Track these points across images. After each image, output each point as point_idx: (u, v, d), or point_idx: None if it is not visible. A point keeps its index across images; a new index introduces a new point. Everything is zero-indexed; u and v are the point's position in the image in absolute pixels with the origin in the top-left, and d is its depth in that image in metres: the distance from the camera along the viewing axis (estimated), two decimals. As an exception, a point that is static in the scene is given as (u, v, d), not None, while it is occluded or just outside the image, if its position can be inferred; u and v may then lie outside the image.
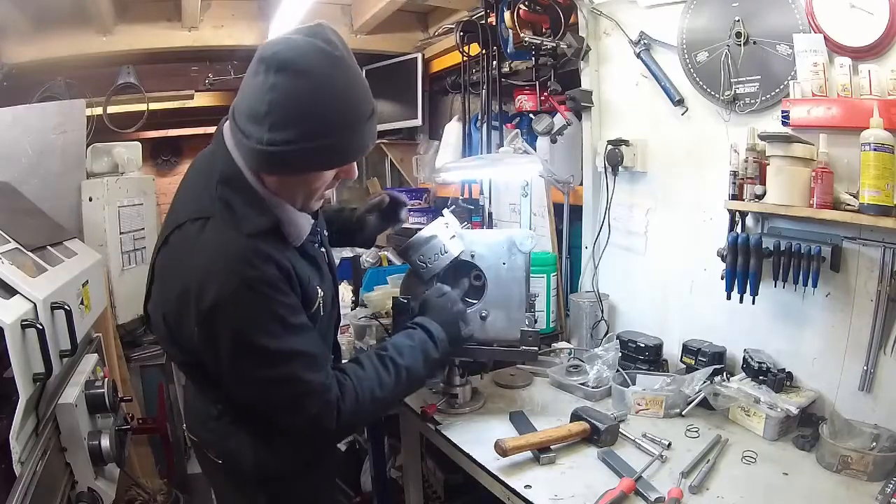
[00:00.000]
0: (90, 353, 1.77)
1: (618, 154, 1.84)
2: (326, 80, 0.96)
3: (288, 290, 1.04)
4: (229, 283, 0.97)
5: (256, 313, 1.00)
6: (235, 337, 1.00)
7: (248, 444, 1.19)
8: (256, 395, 1.09)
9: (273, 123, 0.96)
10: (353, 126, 1.01)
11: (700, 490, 1.18)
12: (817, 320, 1.44)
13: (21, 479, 1.15)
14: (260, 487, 1.23)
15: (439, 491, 2.21)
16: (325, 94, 0.96)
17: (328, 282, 1.25)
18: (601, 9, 1.89)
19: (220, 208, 1.03)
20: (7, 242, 1.46)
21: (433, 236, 1.46)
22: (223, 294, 0.97)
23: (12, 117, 2.35)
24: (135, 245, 2.69)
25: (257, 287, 0.99)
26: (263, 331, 1.01)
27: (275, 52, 0.95)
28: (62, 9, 2.59)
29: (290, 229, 1.09)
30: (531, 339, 1.50)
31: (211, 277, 0.98)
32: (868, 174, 1.19)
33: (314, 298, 1.15)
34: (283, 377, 1.05)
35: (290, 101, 0.95)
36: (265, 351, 1.01)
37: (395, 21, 3.09)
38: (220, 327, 0.99)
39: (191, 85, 3.50)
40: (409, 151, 3.47)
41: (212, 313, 0.98)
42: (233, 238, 1.00)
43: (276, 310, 1.02)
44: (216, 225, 1.02)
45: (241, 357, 1.02)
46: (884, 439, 1.24)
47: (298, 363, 1.05)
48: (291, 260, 1.08)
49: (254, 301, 0.99)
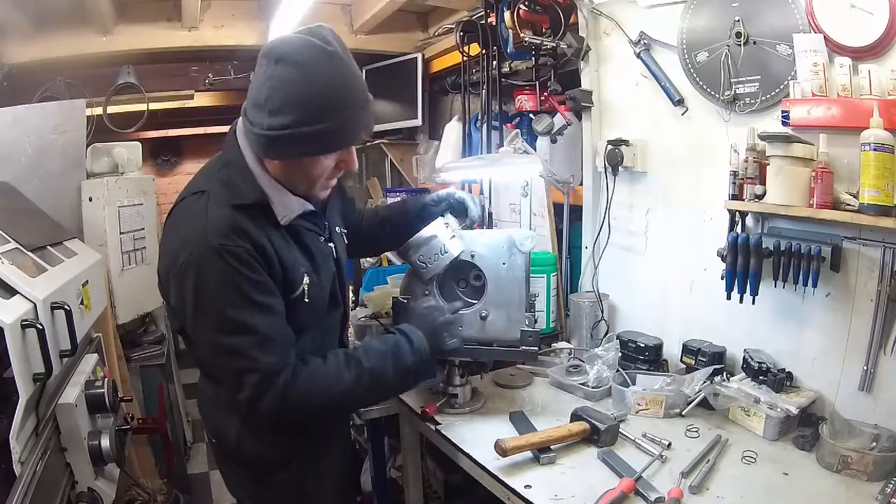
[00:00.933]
0: (90, 353, 1.77)
1: (618, 154, 1.84)
2: (320, 69, 1.04)
3: (258, 268, 1.10)
4: (201, 246, 1.07)
5: (220, 279, 1.07)
6: (198, 296, 1.09)
7: (232, 425, 1.26)
8: (209, 360, 1.18)
9: (272, 109, 1.05)
10: (345, 112, 1.07)
11: (700, 490, 1.18)
12: (817, 320, 1.44)
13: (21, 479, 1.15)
14: (245, 469, 1.30)
15: (439, 491, 2.21)
16: (318, 82, 1.04)
17: (327, 275, 1.27)
18: (601, 9, 1.89)
19: (218, 185, 1.14)
20: (7, 242, 1.46)
21: (433, 236, 1.46)
22: (193, 255, 1.07)
23: (12, 117, 2.35)
24: (135, 245, 2.69)
25: (225, 256, 1.06)
26: (223, 298, 1.08)
27: (273, 46, 1.06)
28: (62, 9, 2.60)
29: (277, 208, 1.15)
30: (531, 339, 1.50)
31: (189, 240, 1.09)
32: (868, 174, 1.19)
33: (297, 283, 1.18)
34: (232, 347, 1.10)
35: (286, 88, 1.03)
36: (221, 316, 1.08)
37: (395, 21, 3.09)
38: (187, 284, 1.08)
39: (191, 85, 3.51)
40: (409, 151, 3.47)
41: (182, 271, 1.08)
42: (218, 209, 1.10)
43: (240, 283, 1.08)
44: (207, 198, 1.13)
45: (200, 315, 1.10)
46: (884, 439, 1.24)
47: (250, 339, 1.09)
48: (274, 240, 1.14)
49: (220, 268, 1.06)
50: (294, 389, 1.13)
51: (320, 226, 1.29)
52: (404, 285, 1.58)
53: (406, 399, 1.67)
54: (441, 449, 1.51)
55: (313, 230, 1.26)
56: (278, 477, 1.28)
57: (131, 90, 3.26)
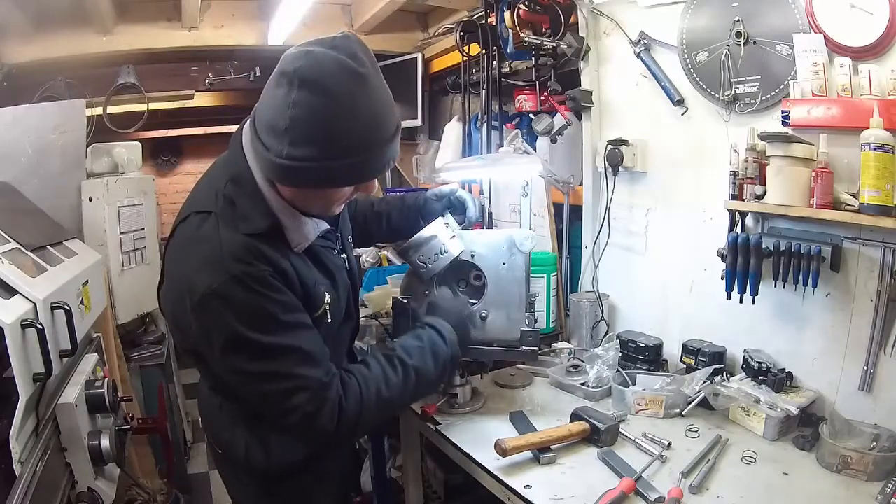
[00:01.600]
0: (90, 353, 1.77)
1: (618, 154, 1.84)
2: (349, 98, 0.94)
3: (282, 288, 1.04)
4: (218, 276, 0.99)
5: (246, 308, 1.00)
6: (226, 329, 1.01)
7: (241, 438, 1.22)
8: (249, 389, 1.09)
9: (293, 140, 0.95)
10: (375, 146, 1.00)
11: (700, 490, 1.18)
12: (817, 320, 1.44)
13: (21, 479, 1.15)
14: (252, 479, 1.26)
15: (439, 491, 2.21)
16: (347, 113, 0.95)
17: (343, 289, 1.24)
18: (601, 9, 1.89)
19: (224, 205, 1.05)
20: (7, 242, 1.46)
21: (433, 236, 1.46)
22: (212, 287, 0.99)
23: (12, 117, 2.35)
24: (135, 245, 2.69)
25: (246, 282, 1.00)
26: (254, 326, 1.01)
27: (297, 67, 0.94)
28: (62, 9, 2.60)
29: (292, 235, 1.09)
30: (531, 339, 1.50)
31: (202, 270, 1.00)
32: (868, 174, 1.19)
33: (319, 303, 1.14)
34: (274, 372, 1.04)
35: (311, 119, 0.94)
36: (256, 345, 1.02)
37: (395, 21, 3.09)
38: (212, 319, 1.01)
39: (191, 85, 3.51)
40: (409, 151, 3.47)
41: (202, 305, 1.00)
42: (228, 234, 1.02)
43: (267, 306, 1.02)
44: (216, 220, 1.04)
45: (233, 350, 1.03)
46: (884, 439, 1.24)
47: (291, 359, 1.05)
48: (292, 261, 1.08)
49: (243, 296, 1.00)
50: (348, 400, 1.09)
51: (333, 239, 1.25)
52: (404, 285, 1.58)
53: (406, 399, 1.68)
54: (441, 449, 1.51)
55: (327, 245, 1.22)
56: (284, 485, 1.26)
57: (131, 90, 3.26)
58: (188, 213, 1.08)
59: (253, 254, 1.01)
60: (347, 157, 0.97)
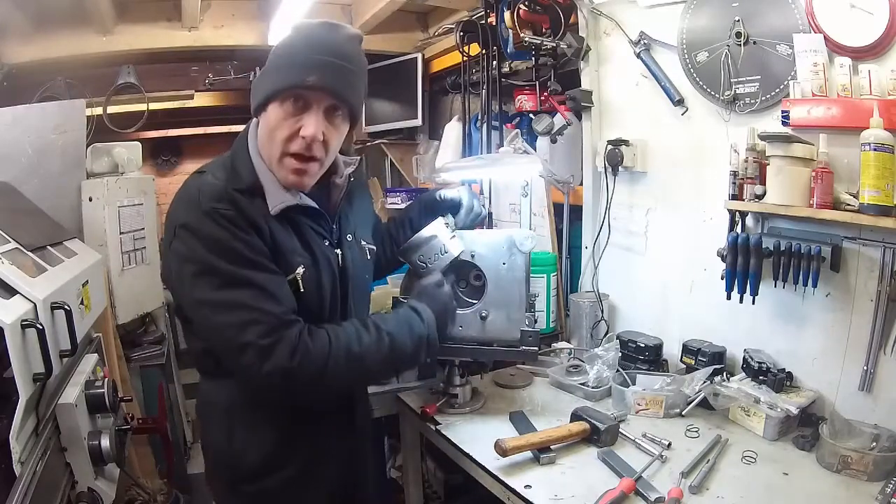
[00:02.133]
0: (90, 353, 1.77)
1: (618, 154, 1.84)
2: (306, 28, 1.13)
3: (251, 232, 1.10)
4: (195, 210, 1.09)
5: (214, 239, 1.07)
6: (194, 256, 1.08)
7: (213, 428, 1.24)
8: (209, 323, 1.11)
9: None
10: (301, 55, 1.10)
11: (700, 490, 1.18)
12: (817, 320, 1.44)
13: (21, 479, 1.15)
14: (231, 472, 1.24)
15: (439, 491, 2.21)
16: (296, 36, 1.12)
17: (327, 277, 1.22)
18: (601, 9, 1.89)
19: (218, 166, 1.18)
20: (7, 242, 1.45)
21: (433, 236, 1.46)
22: (188, 219, 1.09)
23: (12, 117, 2.35)
24: (135, 245, 2.68)
25: (216, 218, 1.08)
26: (219, 254, 1.07)
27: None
28: (62, 9, 2.59)
29: (271, 197, 1.15)
30: (531, 339, 1.50)
31: (180, 209, 1.12)
32: (868, 174, 1.19)
33: (291, 268, 1.15)
34: (232, 301, 1.07)
35: (278, 45, 1.15)
36: (218, 272, 1.07)
37: (395, 21, 3.09)
38: (184, 249, 1.09)
39: (191, 85, 3.51)
40: (409, 151, 3.47)
41: (177, 237, 1.10)
42: (210, 182, 1.13)
43: (233, 242, 1.08)
44: (206, 174, 1.16)
45: (197, 276, 1.09)
46: (884, 439, 1.24)
47: (250, 291, 1.07)
48: (269, 222, 1.13)
49: (213, 228, 1.07)
50: (314, 343, 1.09)
51: (326, 229, 1.25)
52: (404, 285, 1.58)
53: (406, 399, 1.68)
54: (441, 449, 1.51)
55: (318, 231, 1.23)
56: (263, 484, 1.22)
57: (131, 90, 3.26)
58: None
59: (226, 198, 1.10)
60: (276, 62, 1.13)
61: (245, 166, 1.16)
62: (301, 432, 1.24)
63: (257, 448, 1.22)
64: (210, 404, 1.27)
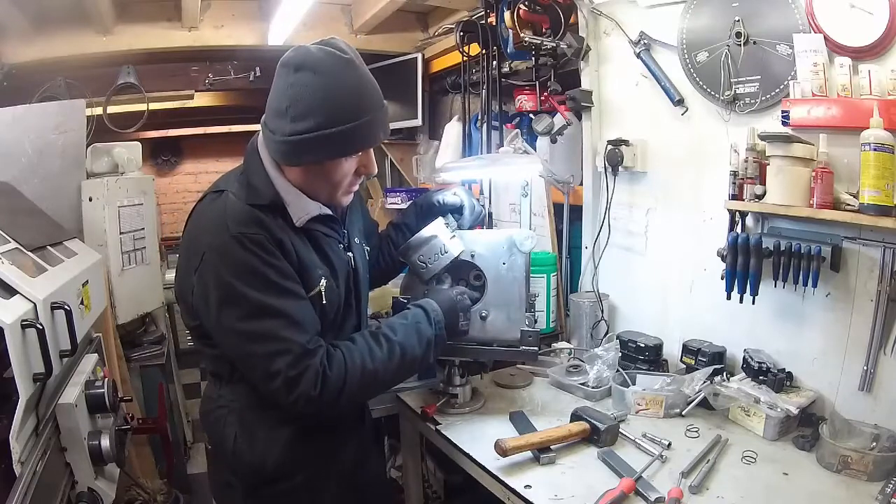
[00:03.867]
0: (90, 353, 1.77)
1: (618, 154, 1.84)
2: (339, 75, 1.09)
3: (277, 254, 1.11)
4: (220, 235, 1.10)
5: (243, 265, 1.09)
6: (222, 284, 1.09)
7: (230, 427, 1.24)
8: (238, 351, 1.14)
9: (294, 116, 1.08)
10: (365, 114, 1.11)
11: (700, 490, 1.18)
12: (817, 320, 1.44)
13: (21, 479, 1.15)
14: (240, 481, 1.26)
15: (439, 491, 2.21)
16: (338, 86, 1.08)
17: (344, 281, 1.27)
18: (601, 9, 1.89)
19: (236, 185, 1.18)
20: (7, 242, 1.45)
21: (433, 236, 1.46)
22: (213, 244, 1.10)
23: (12, 117, 2.35)
24: (135, 245, 2.68)
25: (244, 242, 1.09)
26: (248, 282, 1.09)
27: (292, 56, 1.10)
28: (62, 9, 2.59)
29: (294, 210, 1.17)
30: (531, 339, 1.50)
31: (207, 232, 1.13)
32: (868, 174, 1.19)
33: (314, 283, 1.18)
34: (261, 332, 1.09)
35: (308, 94, 1.08)
36: (247, 301, 1.08)
37: (395, 21, 3.09)
38: (211, 274, 1.10)
39: (191, 85, 3.51)
40: (409, 151, 3.47)
41: (204, 262, 1.10)
42: (234, 204, 1.14)
43: (261, 267, 1.09)
44: (227, 195, 1.16)
45: (225, 304, 1.10)
46: (884, 439, 1.24)
47: (279, 321, 1.09)
48: (292, 238, 1.15)
49: (241, 254, 1.08)
50: (332, 369, 1.12)
51: (339, 233, 1.29)
52: (404, 285, 1.58)
53: (406, 399, 1.68)
54: (441, 449, 1.51)
55: (332, 236, 1.26)
56: (270, 490, 1.24)
57: (131, 90, 3.26)
58: (202, 196, 1.22)
59: (253, 220, 1.11)
60: (341, 123, 1.09)
61: (263, 182, 1.17)
62: (318, 426, 1.26)
63: (280, 447, 1.23)
64: (225, 408, 1.27)
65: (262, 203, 1.14)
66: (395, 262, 1.57)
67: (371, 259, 1.52)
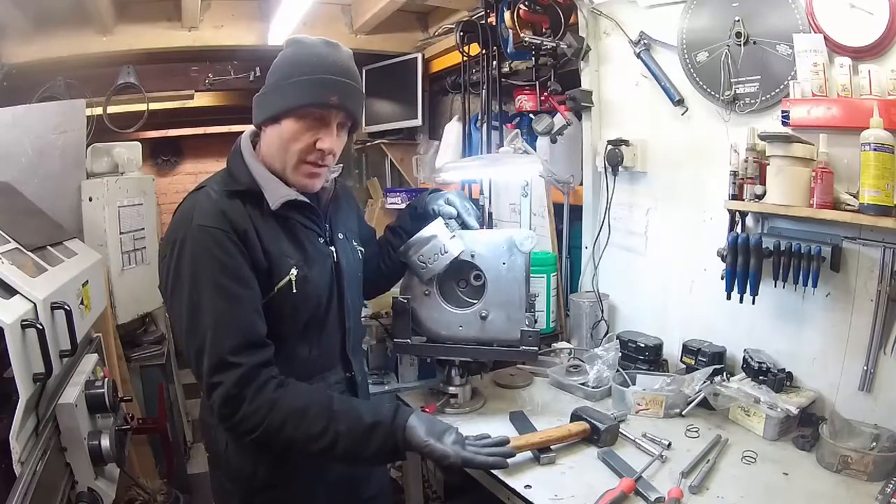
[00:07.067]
0: (90, 353, 1.77)
1: (618, 154, 1.84)
2: (313, 47, 1.17)
3: (234, 252, 1.12)
4: (183, 229, 1.13)
5: (191, 257, 1.11)
6: (172, 273, 1.12)
7: (221, 433, 1.23)
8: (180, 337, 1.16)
9: (266, 78, 1.19)
10: (317, 73, 1.14)
11: (700, 490, 1.18)
12: (817, 320, 1.44)
13: (21, 479, 1.15)
14: (235, 487, 1.25)
15: (439, 491, 2.21)
16: (306, 52, 1.17)
17: (321, 276, 1.24)
18: (601, 9, 1.89)
19: (217, 179, 1.22)
20: (7, 242, 1.46)
21: (433, 236, 1.46)
22: (178, 238, 1.13)
23: (12, 117, 2.35)
24: (135, 245, 2.68)
25: (202, 234, 1.11)
26: (192, 274, 1.11)
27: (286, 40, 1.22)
28: (62, 9, 2.59)
29: (269, 194, 1.19)
30: (531, 339, 1.50)
31: (176, 225, 1.15)
32: (868, 174, 1.19)
33: (283, 272, 1.18)
34: (195, 326, 1.10)
35: (278, 60, 1.19)
36: (187, 294, 1.10)
37: (395, 21, 3.09)
38: (167, 265, 1.14)
39: (191, 85, 3.51)
40: (409, 151, 3.47)
41: (169, 253, 1.14)
42: (205, 199, 1.16)
43: (209, 263, 1.10)
44: (203, 191, 1.19)
45: (173, 294, 1.13)
46: (884, 439, 1.24)
47: (209, 320, 1.09)
48: (260, 228, 1.16)
49: (192, 248, 1.11)
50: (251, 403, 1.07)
51: (320, 226, 1.27)
52: (404, 285, 1.58)
53: (406, 399, 1.68)
54: (441, 449, 1.51)
55: (311, 228, 1.25)
56: (267, 496, 1.22)
57: (131, 90, 3.26)
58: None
59: (217, 213, 1.13)
60: (292, 77, 1.14)
61: (241, 170, 1.21)
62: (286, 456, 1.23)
63: (270, 455, 1.20)
64: (206, 408, 1.25)
65: (239, 189, 1.18)
66: (398, 264, 1.55)
67: (372, 265, 1.51)
